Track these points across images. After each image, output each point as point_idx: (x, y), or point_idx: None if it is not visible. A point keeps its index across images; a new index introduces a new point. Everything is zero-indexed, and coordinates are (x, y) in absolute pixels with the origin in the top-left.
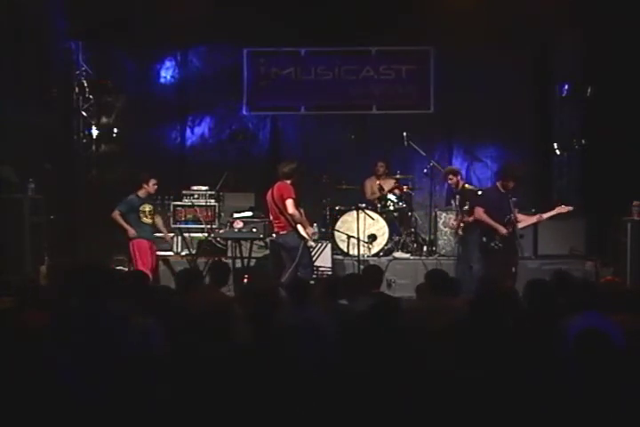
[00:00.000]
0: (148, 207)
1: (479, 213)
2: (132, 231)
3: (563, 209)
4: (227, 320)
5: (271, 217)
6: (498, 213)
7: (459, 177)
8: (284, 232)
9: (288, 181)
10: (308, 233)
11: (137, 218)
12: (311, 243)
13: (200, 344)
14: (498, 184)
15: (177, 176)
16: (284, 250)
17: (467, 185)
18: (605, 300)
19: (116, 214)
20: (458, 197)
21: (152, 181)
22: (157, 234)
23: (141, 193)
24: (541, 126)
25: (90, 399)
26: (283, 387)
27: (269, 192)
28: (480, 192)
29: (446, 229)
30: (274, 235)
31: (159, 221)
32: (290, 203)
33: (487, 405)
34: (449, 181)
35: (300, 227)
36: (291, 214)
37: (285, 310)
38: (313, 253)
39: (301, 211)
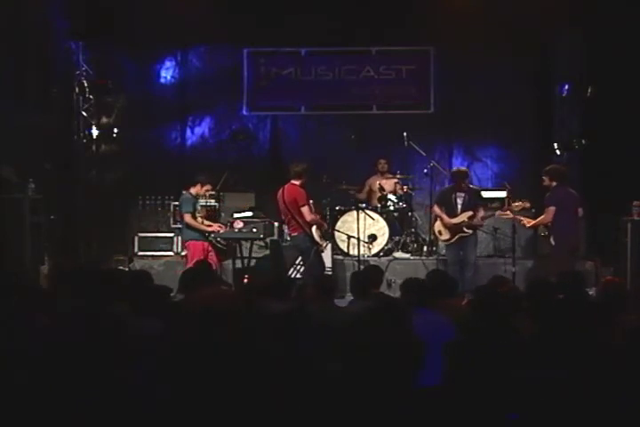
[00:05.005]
0: (198, 206)
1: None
2: (215, 227)
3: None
4: (227, 319)
5: (283, 217)
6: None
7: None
8: (295, 234)
9: (298, 183)
10: (320, 235)
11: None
12: (324, 248)
13: (201, 344)
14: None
15: (177, 176)
16: (296, 251)
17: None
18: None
19: (189, 217)
20: (464, 195)
21: (207, 187)
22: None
23: (193, 191)
24: (541, 126)
25: (90, 400)
26: (285, 387)
27: (280, 193)
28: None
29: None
30: (287, 236)
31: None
32: (306, 210)
33: (487, 406)
34: (463, 184)
35: (314, 229)
36: (308, 221)
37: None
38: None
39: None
